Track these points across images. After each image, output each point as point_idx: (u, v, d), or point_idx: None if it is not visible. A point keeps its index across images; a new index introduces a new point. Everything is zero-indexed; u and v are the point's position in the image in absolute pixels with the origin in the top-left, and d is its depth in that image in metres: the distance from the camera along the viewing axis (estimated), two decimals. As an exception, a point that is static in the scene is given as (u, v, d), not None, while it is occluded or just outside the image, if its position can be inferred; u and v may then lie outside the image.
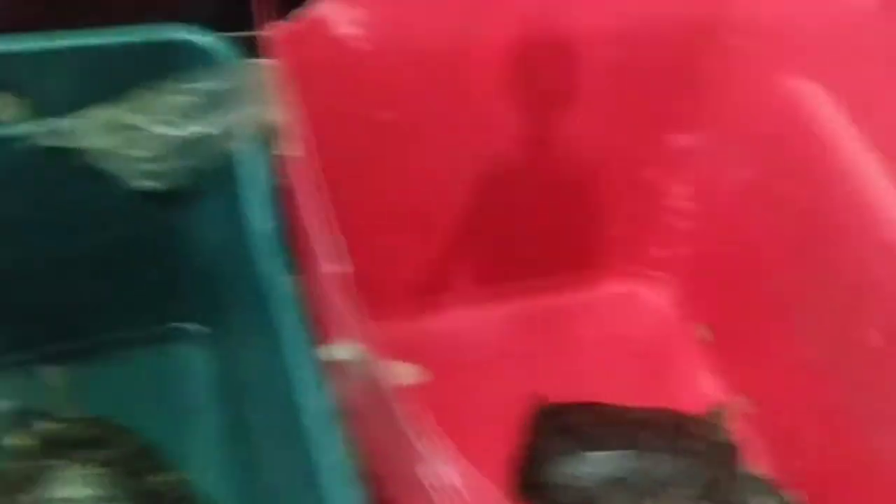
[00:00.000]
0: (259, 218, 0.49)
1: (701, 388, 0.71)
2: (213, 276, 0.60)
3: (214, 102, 0.48)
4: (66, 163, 0.52)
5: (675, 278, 0.74)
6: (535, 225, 0.68)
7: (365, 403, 0.40)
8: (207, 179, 0.50)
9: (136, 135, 0.48)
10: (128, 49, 0.51)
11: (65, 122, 0.49)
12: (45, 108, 0.52)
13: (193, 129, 0.48)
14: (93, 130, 0.48)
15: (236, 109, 0.48)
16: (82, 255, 0.59)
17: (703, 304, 0.73)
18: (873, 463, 0.59)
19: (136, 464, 0.58)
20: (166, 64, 0.51)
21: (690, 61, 0.63)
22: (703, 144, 0.67)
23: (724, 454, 0.65)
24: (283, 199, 0.49)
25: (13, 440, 0.58)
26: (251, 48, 0.51)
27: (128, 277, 0.61)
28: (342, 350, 0.40)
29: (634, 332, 0.74)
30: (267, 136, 0.49)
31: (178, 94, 0.48)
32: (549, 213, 0.69)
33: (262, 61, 0.50)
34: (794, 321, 0.65)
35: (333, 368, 0.42)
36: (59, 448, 0.58)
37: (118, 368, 0.64)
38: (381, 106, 0.57)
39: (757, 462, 0.65)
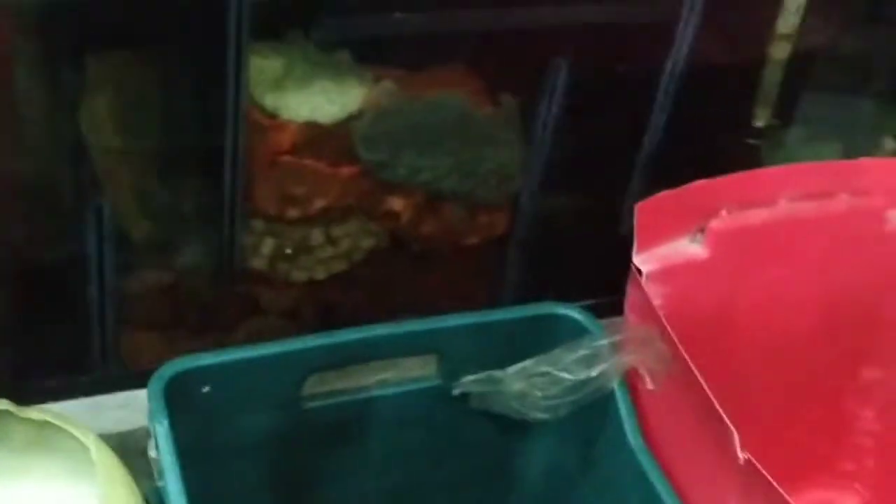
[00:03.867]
0: (633, 434, 0.69)
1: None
2: (544, 491, 0.78)
3: (594, 355, 0.69)
4: (465, 405, 0.72)
5: (863, 486, 0.92)
6: (754, 441, 0.87)
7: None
8: (574, 413, 0.70)
9: (541, 380, 0.68)
10: (517, 321, 0.72)
11: (497, 373, 0.69)
12: (455, 366, 0.72)
13: (581, 375, 0.68)
14: (515, 377, 0.69)
15: (608, 360, 0.69)
16: (445, 476, 0.78)
17: (890, 505, 0.91)
18: None
19: None
20: (548, 331, 0.72)
21: (880, 309, 0.85)
22: (888, 374, 0.88)
23: None
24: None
25: None
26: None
27: (474, 491, 0.79)
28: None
29: (832, 532, 0.92)
30: (629, 377, 0.70)
31: (570, 351, 0.69)
32: (766, 440, 0.87)
33: (617, 325, 0.71)
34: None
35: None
36: None
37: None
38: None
39: None
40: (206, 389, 0.65)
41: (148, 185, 0.72)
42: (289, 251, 0.75)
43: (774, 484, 0.57)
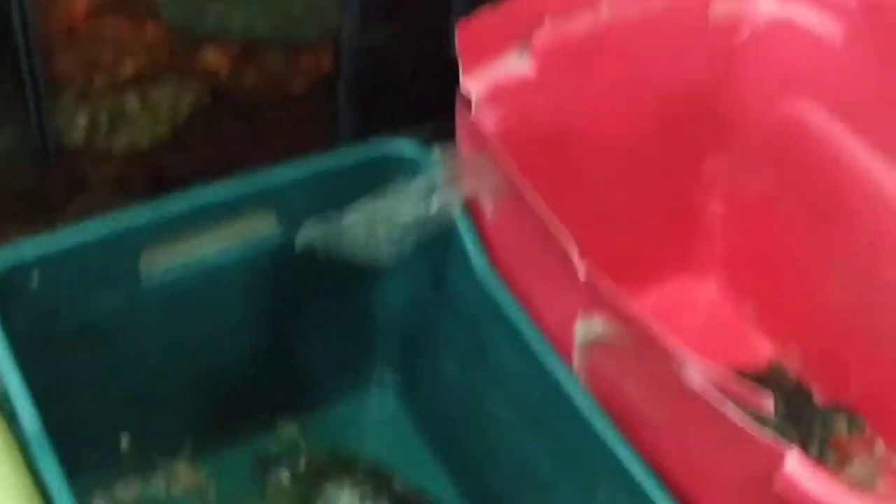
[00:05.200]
0: (479, 261, 0.68)
1: (758, 350, 0.91)
2: (404, 332, 0.78)
3: (431, 189, 0.68)
4: (312, 258, 0.71)
5: (718, 272, 0.95)
6: (608, 247, 0.88)
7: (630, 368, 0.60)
8: (421, 249, 0.69)
9: (382, 222, 0.67)
10: (351, 163, 0.71)
11: (333, 223, 0.68)
12: (294, 219, 0.70)
13: (420, 210, 0.67)
14: (355, 223, 0.67)
15: (445, 192, 0.68)
16: (304, 330, 0.77)
17: (745, 287, 0.93)
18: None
19: (380, 477, 0.76)
20: (384, 169, 0.70)
21: (716, 102, 0.85)
22: (729, 163, 0.89)
23: (800, 392, 0.85)
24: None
25: (285, 475, 0.76)
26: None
27: (336, 339, 0.79)
28: (598, 325, 0.60)
29: (695, 318, 0.95)
30: (470, 206, 0.69)
31: (406, 187, 0.67)
32: (618, 243, 0.88)
33: (451, 154, 0.70)
34: (822, 281, 0.85)
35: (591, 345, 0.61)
36: (317, 475, 0.76)
37: (334, 413, 0.81)
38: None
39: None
40: (34, 280, 0.62)
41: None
42: (105, 121, 0.72)
43: (616, 293, 0.58)
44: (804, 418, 0.83)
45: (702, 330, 0.94)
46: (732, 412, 0.54)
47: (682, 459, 0.60)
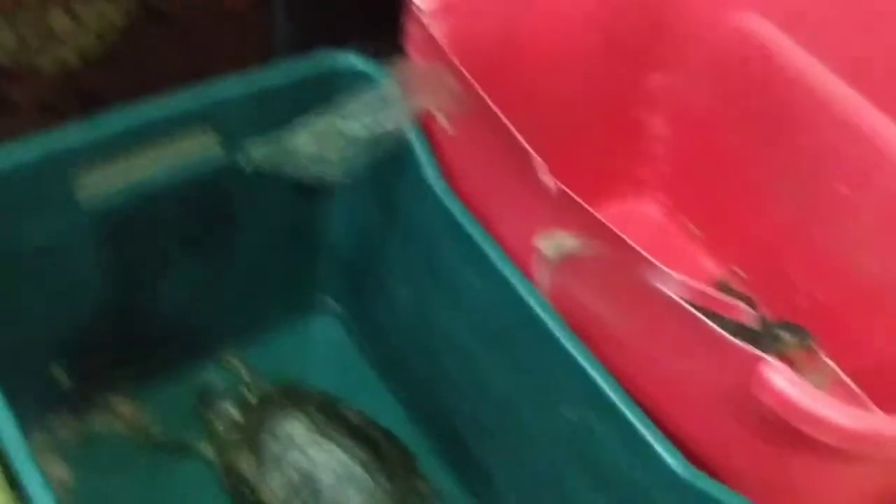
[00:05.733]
0: (434, 176, 0.66)
1: (702, 270, 0.91)
2: (350, 256, 0.76)
3: (383, 103, 0.65)
4: (259, 178, 0.68)
5: (661, 192, 0.93)
6: (551, 164, 0.86)
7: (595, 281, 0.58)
8: (371, 167, 0.66)
9: (335, 139, 0.64)
10: (296, 76, 0.67)
11: (279, 140, 0.64)
12: (237, 137, 0.67)
13: (374, 127, 0.64)
14: (304, 141, 0.64)
15: (398, 107, 0.65)
16: (247, 255, 0.74)
17: (688, 207, 0.93)
18: (858, 286, 0.80)
19: (330, 407, 0.74)
20: (330, 84, 0.67)
21: (660, 14, 0.83)
22: (673, 80, 0.87)
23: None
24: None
25: (229, 408, 0.73)
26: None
27: (280, 264, 0.76)
28: (567, 240, 0.58)
29: (639, 239, 0.93)
30: (423, 120, 0.66)
31: (357, 101, 0.64)
32: (562, 160, 0.87)
33: (403, 67, 0.67)
34: (768, 198, 0.84)
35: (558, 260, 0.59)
36: (264, 406, 0.73)
37: (278, 342, 0.78)
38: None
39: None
40: (-38, 205, 0.58)
41: None
42: (32, 39, 0.67)
43: (587, 206, 0.56)
44: (752, 335, 0.82)
45: (646, 250, 0.92)
46: (710, 322, 0.52)
47: (652, 375, 0.59)
